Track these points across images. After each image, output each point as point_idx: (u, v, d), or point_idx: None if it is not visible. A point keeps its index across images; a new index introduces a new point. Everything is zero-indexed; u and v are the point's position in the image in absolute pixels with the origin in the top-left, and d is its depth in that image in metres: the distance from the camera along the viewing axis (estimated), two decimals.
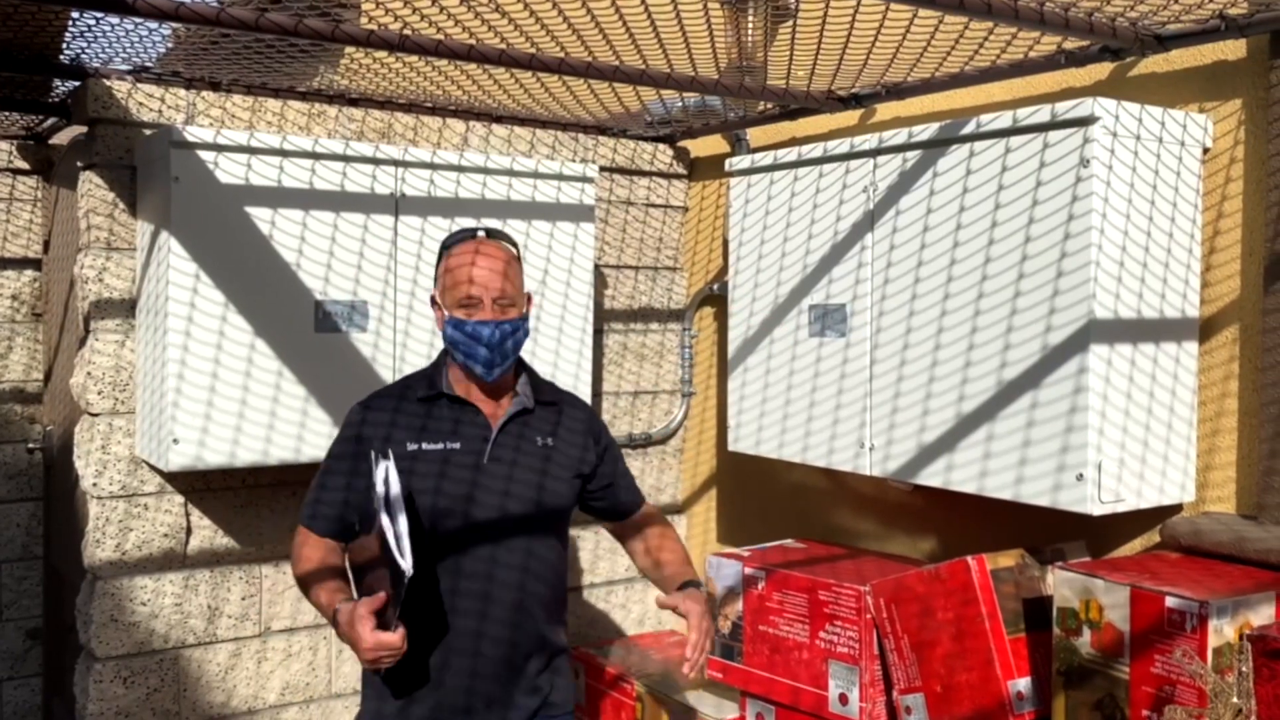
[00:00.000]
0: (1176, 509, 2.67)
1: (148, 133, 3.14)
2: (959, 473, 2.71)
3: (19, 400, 4.09)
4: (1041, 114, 2.54)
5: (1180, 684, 2.17)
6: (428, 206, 3.28)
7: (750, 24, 2.84)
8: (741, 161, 3.40)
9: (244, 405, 3.02)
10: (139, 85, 3.17)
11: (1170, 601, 2.19)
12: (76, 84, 3.20)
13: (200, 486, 3.26)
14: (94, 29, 2.72)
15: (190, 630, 3.24)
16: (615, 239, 4.01)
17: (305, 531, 2.30)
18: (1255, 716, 2.04)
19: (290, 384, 3.08)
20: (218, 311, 2.98)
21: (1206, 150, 2.64)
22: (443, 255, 2.32)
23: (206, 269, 2.96)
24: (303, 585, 2.26)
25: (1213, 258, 2.64)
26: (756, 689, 3.04)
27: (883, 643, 2.74)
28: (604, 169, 3.94)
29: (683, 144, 4.13)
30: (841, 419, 3.03)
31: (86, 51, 2.97)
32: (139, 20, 2.55)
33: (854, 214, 3.00)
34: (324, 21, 2.52)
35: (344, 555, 2.30)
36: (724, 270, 3.93)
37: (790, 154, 3.22)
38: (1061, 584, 2.41)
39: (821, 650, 2.86)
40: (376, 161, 3.19)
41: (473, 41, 2.71)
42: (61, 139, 3.93)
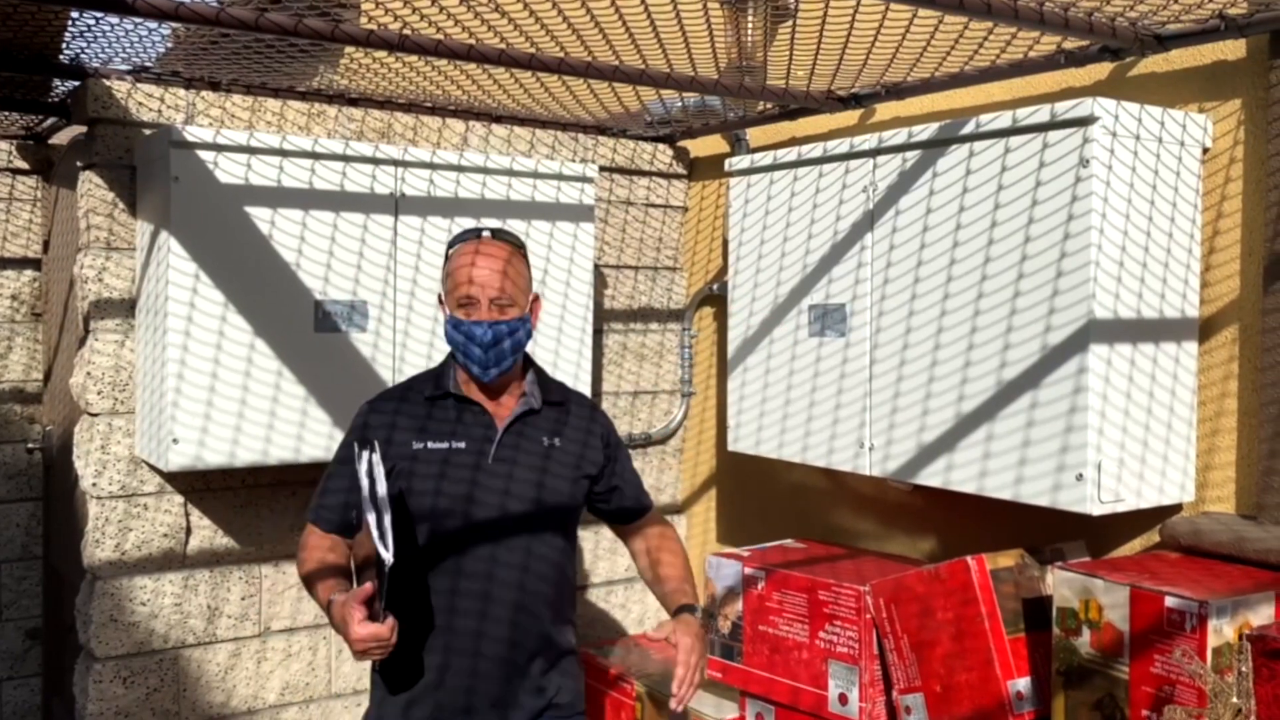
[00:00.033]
0: (1176, 509, 2.67)
1: (147, 132, 3.14)
2: (959, 473, 2.71)
3: (18, 400, 4.09)
4: (1041, 114, 2.54)
5: (1180, 684, 2.17)
6: (427, 206, 3.28)
7: (750, 24, 2.84)
8: (741, 161, 3.40)
9: (244, 405, 3.02)
10: (139, 85, 3.17)
11: (1170, 601, 2.19)
12: (76, 84, 3.20)
13: (200, 486, 3.26)
14: (94, 29, 2.72)
15: (190, 630, 3.24)
16: (615, 239, 4.01)
17: (310, 528, 2.31)
18: (1255, 716, 2.04)
19: (290, 384, 3.08)
20: (217, 311, 2.98)
21: (1206, 150, 2.64)
22: (448, 255, 2.33)
23: (206, 269, 2.96)
24: (305, 581, 2.27)
25: (1212, 258, 2.64)
26: (756, 689, 3.04)
27: (882, 643, 2.74)
28: (604, 169, 3.94)
29: (682, 144, 4.13)
30: (841, 419, 3.03)
31: (86, 51, 2.97)
32: (139, 20, 2.55)
33: (853, 214, 3.00)
34: (323, 21, 2.52)
35: (348, 551, 2.30)
36: (724, 270, 3.93)
37: (790, 154, 3.22)
38: (1061, 584, 2.41)
39: (821, 650, 2.86)
40: (376, 161, 3.19)
41: (472, 41, 2.71)
42: (61, 139, 3.93)
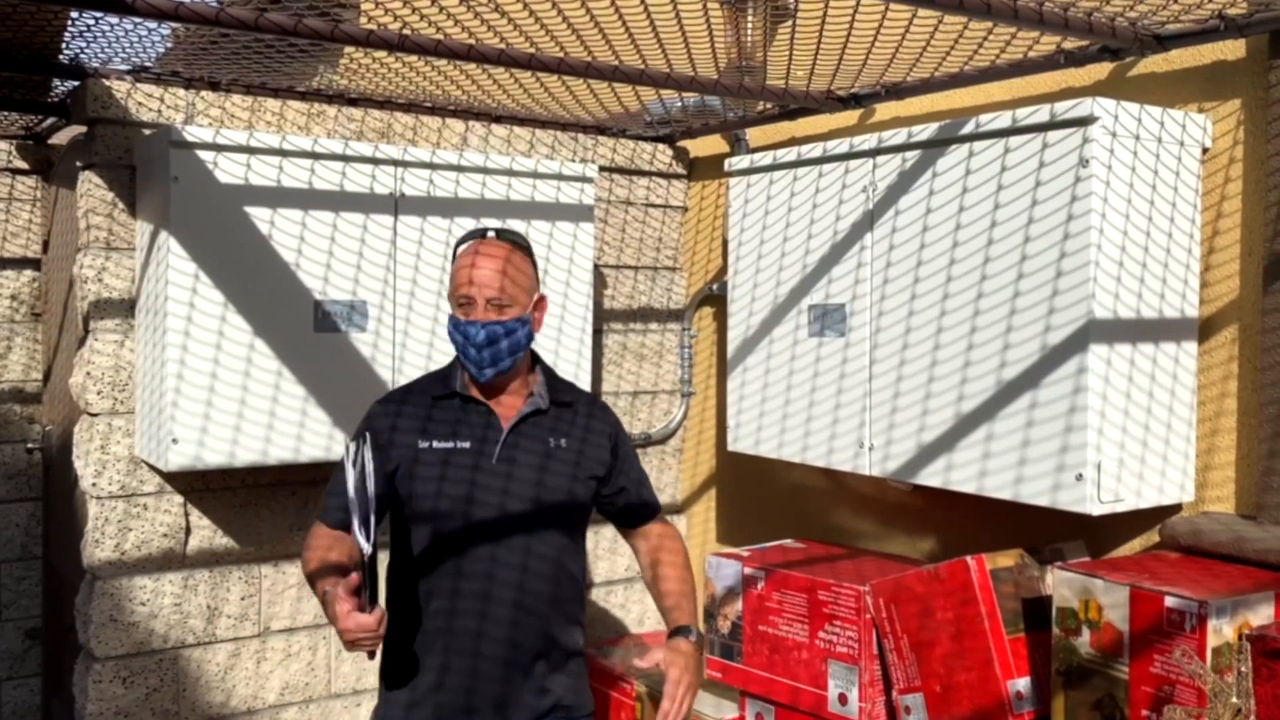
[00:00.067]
0: (1176, 509, 2.67)
1: (147, 132, 3.14)
2: (958, 472, 2.71)
3: (18, 400, 4.09)
4: (1041, 114, 2.54)
5: (1179, 684, 2.17)
6: (427, 206, 3.28)
7: (749, 24, 2.84)
8: (741, 161, 3.40)
9: (243, 405, 3.02)
10: (138, 85, 3.17)
11: (1169, 601, 2.19)
12: (76, 84, 3.20)
13: (199, 486, 3.26)
14: (93, 29, 2.72)
15: (189, 630, 3.24)
16: (615, 239, 4.01)
17: (317, 524, 2.32)
18: (1254, 716, 2.04)
19: (289, 384, 3.07)
20: (217, 311, 2.98)
21: (1206, 150, 2.64)
22: (454, 255, 2.34)
23: (206, 269, 2.96)
24: (309, 579, 2.27)
25: (1212, 258, 2.64)
26: (756, 689, 3.04)
27: (882, 643, 2.74)
28: (603, 169, 3.94)
29: (682, 144, 4.13)
30: (841, 419, 3.03)
31: (86, 51, 2.96)
32: (138, 20, 2.55)
33: (853, 214, 3.00)
34: (323, 21, 2.52)
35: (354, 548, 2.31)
36: (723, 270, 3.93)
37: (790, 154, 3.22)
38: (1061, 584, 2.41)
39: (821, 650, 2.86)
40: (376, 161, 3.19)
41: (472, 41, 2.71)
42: (61, 139, 3.93)
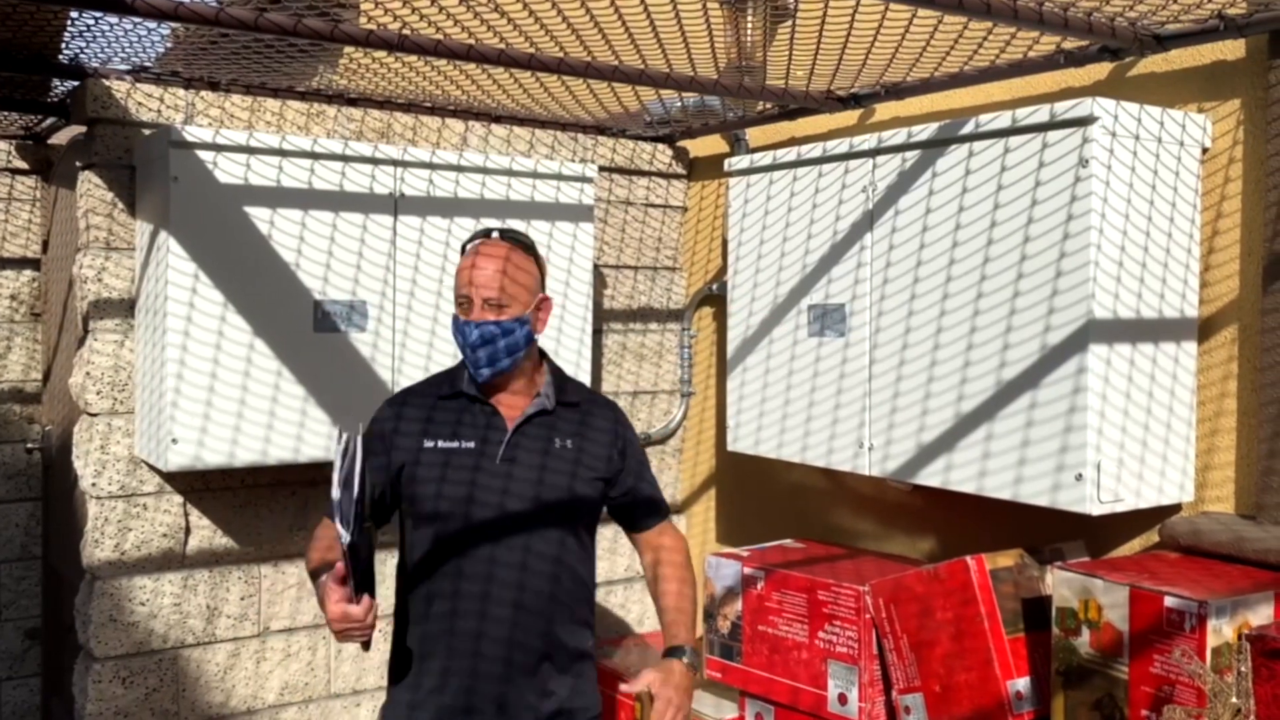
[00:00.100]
0: (1175, 509, 2.67)
1: (147, 132, 3.14)
2: (958, 472, 2.71)
3: (18, 400, 4.09)
4: (1040, 114, 2.54)
5: (1179, 684, 2.17)
6: (426, 206, 3.28)
7: (749, 24, 2.84)
8: (740, 161, 3.40)
9: (243, 405, 3.02)
10: (138, 85, 3.17)
11: (1169, 601, 2.19)
12: (75, 84, 3.20)
13: (199, 486, 3.26)
14: (93, 29, 2.72)
15: (189, 630, 3.24)
16: (614, 239, 4.01)
17: (324, 520, 2.32)
18: (1254, 716, 2.04)
19: (289, 384, 3.07)
20: (217, 311, 2.98)
21: (1205, 150, 2.64)
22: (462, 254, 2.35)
23: (205, 269, 2.96)
24: (310, 573, 2.28)
25: (1211, 258, 2.64)
26: (755, 689, 3.04)
27: (882, 643, 2.74)
28: (603, 169, 3.94)
29: (682, 144, 4.13)
30: (840, 419, 3.03)
31: (85, 51, 2.96)
32: (138, 20, 2.55)
33: (853, 214, 3.00)
34: (323, 21, 2.52)
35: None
36: (723, 270, 3.93)
37: (789, 154, 3.22)
38: (1060, 584, 2.41)
39: (820, 650, 2.86)
40: (375, 161, 3.19)
41: (472, 41, 2.71)
42: (60, 139, 3.93)
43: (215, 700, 3.29)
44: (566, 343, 3.48)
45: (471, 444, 2.27)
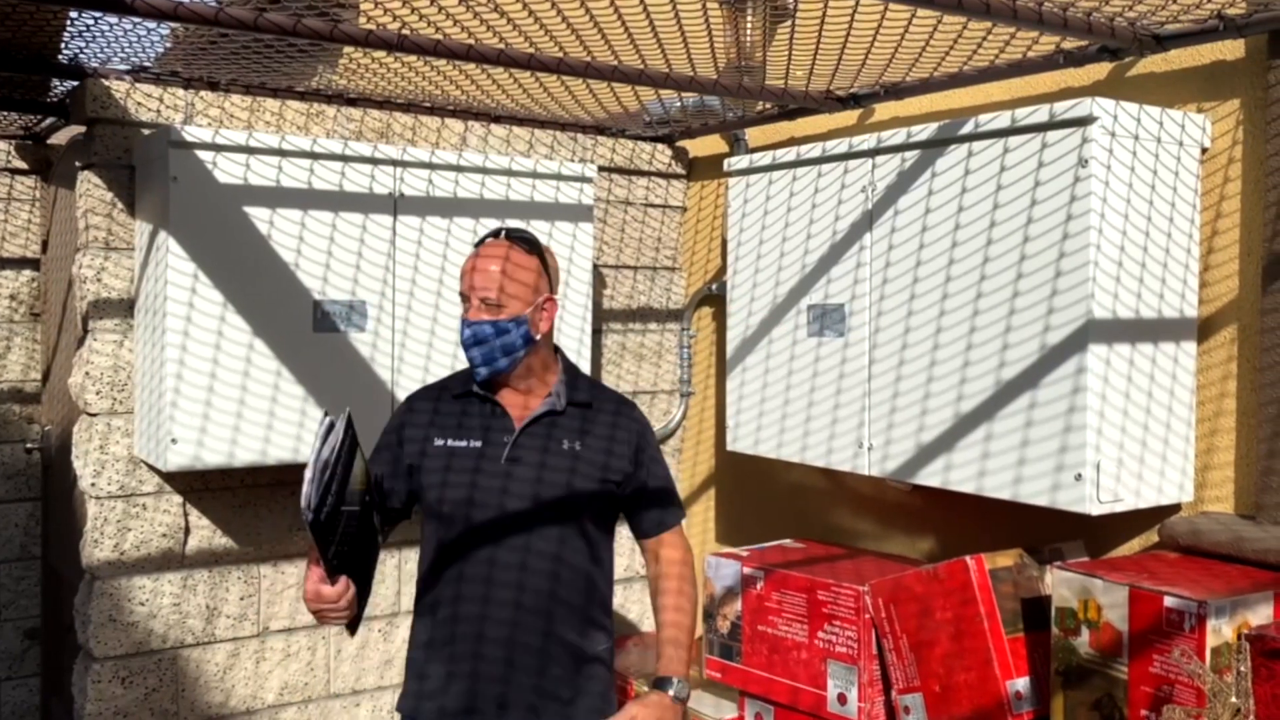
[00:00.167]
0: (1175, 509, 2.67)
1: (146, 132, 3.14)
2: (957, 472, 2.71)
3: (17, 400, 4.09)
4: (1040, 114, 2.54)
5: (1179, 684, 2.17)
6: (426, 206, 3.28)
7: (749, 24, 2.84)
8: (740, 161, 3.40)
9: (242, 405, 3.02)
10: (137, 85, 3.17)
11: (1169, 601, 2.19)
12: (75, 84, 3.20)
13: (199, 486, 3.26)
14: (92, 29, 2.72)
15: (188, 630, 3.24)
16: (614, 239, 4.01)
17: None
18: (1254, 716, 2.04)
19: (289, 384, 3.07)
20: (216, 311, 2.98)
21: (1205, 150, 2.64)
22: None
23: (205, 269, 2.96)
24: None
25: (1211, 258, 2.64)
26: (755, 689, 3.04)
27: (881, 642, 2.74)
28: (602, 169, 3.94)
29: (681, 144, 4.13)
30: (840, 419, 3.03)
31: (85, 51, 2.96)
32: (137, 20, 2.55)
33: (852, 214, 3.00)
34: (322, 21, 2.52)
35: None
36: (722, 270, 3.93)
37: (789, 154, 3.22)
38: (1060, 584, 2.41)
39: (820, 650, 2.86)
40: (375, 161, 3.19)
41: (471, 41, 2.70)
42: (60, 139, 3.93)
43: (215, 700, 3.29)
44: (566, 343, 3.48)
45: (478, 443, 2.27)
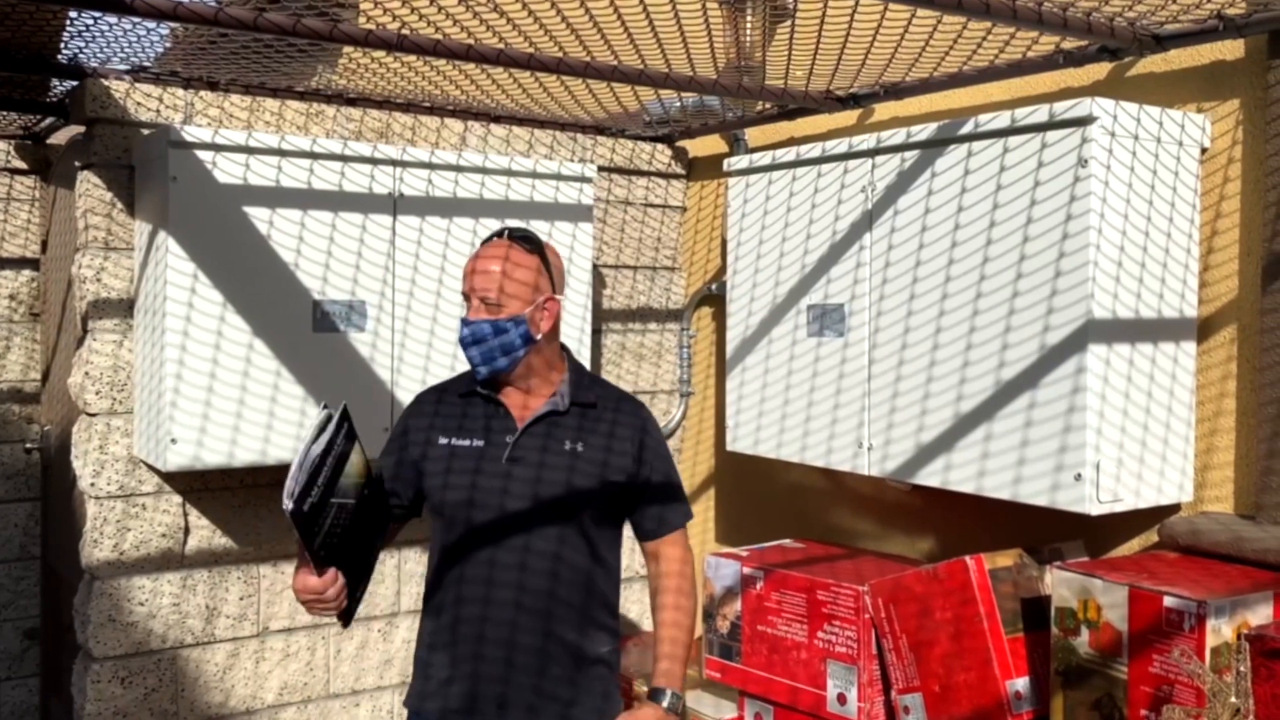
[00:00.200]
0: (1174, 509, 2.67)
1: (146, 132, 3.14)
2: (957, 472, 2.71)
3: (17, 400, 4.09)
4: (1039, 114, 2.54)
5: (1178, 683, 2.17)
6: (426, 206, 3.28)
7: (748, 24, 2.84)
8: (740, 161, 3.40)
9: (242, 405, 3.02)
10: (137, 85, 3.17)
11: (1168, 601, 2.19)
12: (74, 84, 3.20)
13: (198, 486, 3.26)
14: (92, 28, 2.72)
15: (188, 630, 3.24)
16: (614, 239, 4.01)
17: None
18: (1253, 716, 2.04)
19: (288, 384, 3.07)
20: (216, 311, 2.98)
21: (1204, 150, 2.64)
22: None
23: (204, 269, 2.96)
24: None
25: (1211, 258, 2.64)
26: (755, 689, 3.04)
27: (881, 642, 2.74)
28: (602, 169, 3.94)
29: (681, 144, 4.13)
30: (840, 419, 3.03)
31: (84, 51, 2.96)
32: (137, 20, 2.55)
33: (852, 214, 3.00)
34: (322, 21, 2.52)
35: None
36: (722, 270, 3.93)
37: (788, 154, 3.22)
38: (1060, 584, 2.41)
39: (820, 650, 2.86)
40: (374, 161, 3.19)
41: (471, 41, 2.70)
42: (59, 139, 3.93)
43: (214, 700, 3.29)
44: (566, 342, 3.47)
45: (480, 442, 2.27)
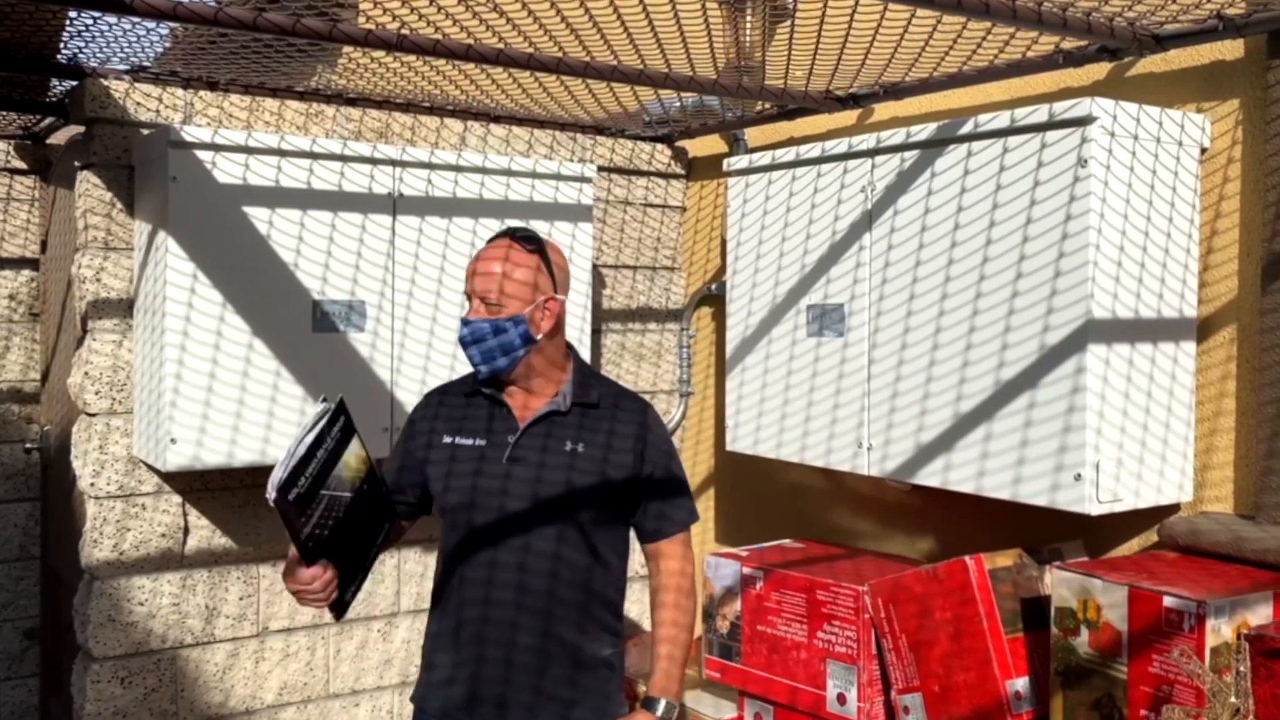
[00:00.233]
0: (1174, 509, 2.67)
1: (145, 132, 3.14)
2: (957, 472, 2.71)
3: (16, 400, 4.09)
4: (1039, 114, 2.54)
5: (1178, 683, 2.17)
6: (425, 206, 3.28)
7: (748, 23, 2.84)
8: (739, 161, 3.40)
9: (242, 405, 3.01)
10: (136, 85, 3.16)
11: (1168, 601, 2.19)
12: (74, 83, 3.20)
13: (198, 486, 3.25)
14: (91, 28, 2.72)
15: (188, 630, 3.24)
16: (613, 239, 4.01)
17: None
18: (1253, 716, 2.04)
19: (288, 384, 3.07)
20: (215, 311, 2.98)
21: (1204, 150, 2.64)
22: None
23: (204, 269, 2.96)
24: None
25: (1210, 258, 2.64)
26: (754, 689, 3.04)
27: (881, 642, 2.74)
28: (602, 169, 3.94)
29: (681, 144, 4.13)
30: (839, 419, 3.03)
31: (84, 51, 2.96)
32: (137, 20, 2.55)
33: (852, 214, 3.00)
34: (321, 21, 2.52)
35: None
36: (722, 270, 3.93)
37: (788, 154, 3.22)
38: (1059, 584, 2.41)
39: (819, 650, 2.86)
40: (374, 161, 3.19)
41: (470, 41, 2.70)
42: (59, 139, 3.93)
43: (214, 700, 3.29)
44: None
45: (482, 442, 2.27)
